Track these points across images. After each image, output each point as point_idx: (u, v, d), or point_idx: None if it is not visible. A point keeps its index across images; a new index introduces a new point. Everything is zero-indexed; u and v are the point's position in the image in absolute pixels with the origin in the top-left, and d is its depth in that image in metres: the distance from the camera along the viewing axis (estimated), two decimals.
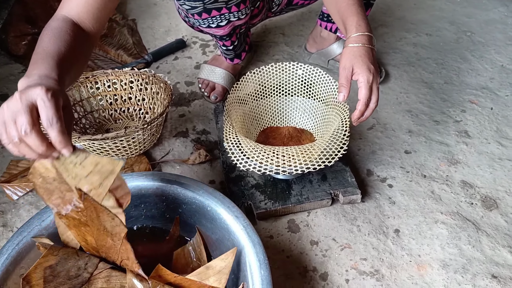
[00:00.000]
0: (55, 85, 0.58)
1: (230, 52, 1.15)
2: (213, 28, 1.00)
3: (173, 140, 1.10)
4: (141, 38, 1.49)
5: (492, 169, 1.02)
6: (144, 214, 0.80)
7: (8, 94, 1.24)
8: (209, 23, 0.98)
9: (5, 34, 1.36)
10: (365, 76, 0.77)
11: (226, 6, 0.92)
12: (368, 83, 0.78)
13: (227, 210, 0.73)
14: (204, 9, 0.92)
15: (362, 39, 0.80)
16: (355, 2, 0.83)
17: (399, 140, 1.10)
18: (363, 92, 0.78)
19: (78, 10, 0.74)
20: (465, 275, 0.81)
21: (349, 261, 0.84)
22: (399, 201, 0.95)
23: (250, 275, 0.66)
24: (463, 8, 1.64)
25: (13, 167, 1.00)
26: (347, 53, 0.80)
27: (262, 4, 1.09)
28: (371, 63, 0.79)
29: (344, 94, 0.81)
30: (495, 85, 1.27)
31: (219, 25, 0.98)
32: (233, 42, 1.11)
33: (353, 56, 0.79)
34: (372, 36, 0.82)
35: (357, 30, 0.80)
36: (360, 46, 0.80)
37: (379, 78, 0.81)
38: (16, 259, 0.68)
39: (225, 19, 0.96)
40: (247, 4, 0.96)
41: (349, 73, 0.79)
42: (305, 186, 0.93)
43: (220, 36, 1.06)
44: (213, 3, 0.91)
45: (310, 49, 1.33)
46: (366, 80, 0.77)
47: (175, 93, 1.25)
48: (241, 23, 1.01)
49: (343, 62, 0.80)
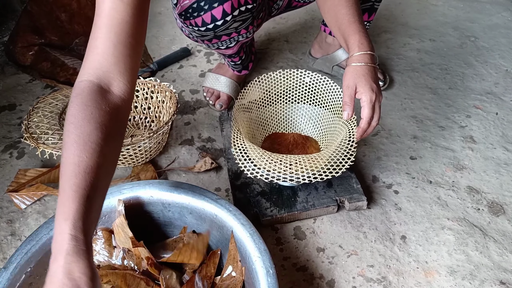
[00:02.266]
0: (82, 257, 0.50)
1: (238, 66, 1.17)
2: (222, 49, 1.02)
3: (179, 148, 1.11)
4: (146, 47, 1.51)
5: (499, 174, 1.02)
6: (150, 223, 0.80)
7: (15, 103, 1.25)
8: (219, 46, 0.99)
9: (12, 44, 1.37)
10: (368, 96, 0.79)
11: (236, 31, 0.93)
12: (371, 103, 0.80)
13: (233, 218, 0.73)
14: (214, 36, 0.93)
15: (365, 58, 0.82)
16: (356, 19, 0.84)
17: (404, 146, 1.10)
18: (366, 111, 0.80)
19: (106, 64, 0.60)
20: (473, 281, 0.81)
21: (356, 268, 0.83)
22: (405, 207, 0.95)
23: (257, 283, 0.66)
24: (466, 14, 1.64)
25: (21, 176, 1.01)
26: (350, 72, 0.82)
27: (264, 14, 1.10)
28: (373, 82, 0.81)
29: (349, 112, 0.83)
30: (500, 90, 1.27)
31: (228, 47, 1.00)
32: (241, 57, 1.13)
33: (356, 75, 0.81)
34: (374, 54, 0.84)
35: (359, 49, 0.82)
36: (363, 65, 0.82)
37: (381, 97, 0.83)
38: (24, 268, 0.68)
39: (234, 40, 0.97)
40: (255, 24, 0.97)
41: (352, 91, 0.81)
42: (310, 193, 0.93)
43: (229, 55, 1.08)
44: (223, 31, 0.91)
45: (315, 54, 1.33)
46: (369, 99, 0.79)
47: (180, 101, 1.26)
48: (248, 40, 1.02)
49: (347, 81, 0.82)
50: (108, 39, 0.60)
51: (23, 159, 1.08)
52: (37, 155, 1.06)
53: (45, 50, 1.37)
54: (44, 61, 1.35)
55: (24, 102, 1.26)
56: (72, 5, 1.48)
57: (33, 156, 1.08)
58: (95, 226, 0.56)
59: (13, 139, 1.14)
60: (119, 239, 0.75)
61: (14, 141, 1.13)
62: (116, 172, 1.04)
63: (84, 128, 0.55)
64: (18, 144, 1.12)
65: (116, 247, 0.75)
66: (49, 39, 1.40)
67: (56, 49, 1.40)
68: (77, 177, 0.53)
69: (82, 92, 0.58)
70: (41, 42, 1.39)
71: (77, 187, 0.52)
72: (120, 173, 1.04)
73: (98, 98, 0.58)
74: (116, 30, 0.60)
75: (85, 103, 0.57)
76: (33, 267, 0.69)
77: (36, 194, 0.97)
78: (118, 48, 0.60)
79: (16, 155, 1.09)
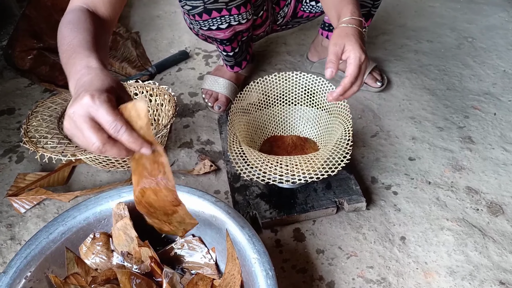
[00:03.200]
0: (100, 75, 0.56)
1: (230, 59, 1.16)
2: (213, 31, 1.00)
3: (178, 150, 1.11)
4: (144, 50, 1.51)
5: (497, 174, 1.02)
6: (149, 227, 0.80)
7: (14, 108, 1.25)
8: (210, 25, 0.98)
9: (11, 49, 1.38)
10: (357, 53, 0.74)
11: (226, 7, 0.93)
12: (360, 61, 0.74)
13: (232, 220, 0.73)
14: (204, 9, 0.93)
15: (356, 22, 0.79)
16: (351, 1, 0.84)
17: (403, 147, 1.10)
18: (351, 68, 0.74)
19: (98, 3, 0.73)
20: (472, 282, 0.81)
21: (356, 269, 0.84)
22: (405, 208, 0.95)
23: (256, 285, 0.66)
24: (463, 15, 1.65)
25: (20, 180, 1.01)
26: (339, 31, 0.78)
27: (265, 15, 1.10)
28: (363, 44, 0.77)
29: (332, 69, 0.75)
30: (498, 91, 1.27)
31: (219, 27, 0.98)
32: (233, 48, 1.11)
33: (345, 34, 0.76)
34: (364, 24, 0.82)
35: (351, 15, 0.80)
36: (354, 27, 0.78)
37: (368, 63, 0.78)
38: (24, 272, 0.68)
39: (226, 22, 0.97)
40: (248, 9, 0.97)
41: (340, 49, 0.76)
42: (309, 195, 0.93)
43: (220, 39, 1.06)
44: (213, 3, 0.91)
45: (312, 58, 1.34)
46: (358, 57, 0.74)
47: (179, 104, 1.26)
48: (243, 28, 1.01)
49: (335, 39, 0.77)
50: None
51: (22, 163, 1.08)
52: (36, 159, 1.06)
53: (44, 54, 1.37)
54: (43, 65, 1.36)
55: (23, 106, 1.26)
56: None
57: (32, 160, 1.08)
58: None
59: (12, 143, 1.14)
60: (118, 242, 0.75)
61: (13, 145, 1.13)
62: (115, 175, 1.04)
63: (80, 24, 0.67)
64: (17, 148, 1.12)
65: (114, 251, 0.75)
66: (47, 43, 1.41)
67: (55, 53, 1.40)
68: (81, 44, 0.63)
69: (72, 11, 0.71)
70: (39, 46, 1.39)
71: (75, 47, 0.62)
72: (119, 176, 1.04)
73: (87, 11, 0.72)
74: None
75: (77, 14, 0.70)
76: (33, 272, 0.69)
77: (36, 198, 0.97)
78: None
79: (15, 159, 1.09)
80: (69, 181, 1.04)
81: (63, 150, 0.88)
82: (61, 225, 0.73)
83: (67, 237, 0.73)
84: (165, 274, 0.72)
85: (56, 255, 0.72)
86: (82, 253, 0.74)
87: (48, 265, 0.71)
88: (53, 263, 0.71)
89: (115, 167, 0.99)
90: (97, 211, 0.75)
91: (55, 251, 0.72)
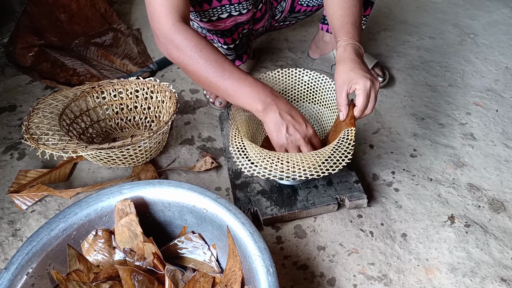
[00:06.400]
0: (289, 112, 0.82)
1: (231, 52, 1.15)
2: (214, 22, 1.00)
3: (179, 147, 1.11)
4: (146, 47, 1.51)
5: (499, 171, 1.02)
6: (151, 222, 0.81)
7: (16, 105, 1.25)
8: (210, 16, 0.98)
9: (12, 46, 1.38)
10: (361, 84, 0.79)
11: None
12: (366, 91, 0.79)
13: (233, 217, 0.73)
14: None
15: (351, 48, 0.83)
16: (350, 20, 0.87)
17: (404, 143, 1.10)
18: (360, 99, 0.80)
19: (184, 9, 0.82)
20: (473, 278, 0.81)
21: (357, 266, 0.84)
22: (406, 205, 0.95)
23: (257, 281, 0.66)
24: (466, 10, 1.64)
25: (21, 177, 1.01)
26: (341, 70, 0.82)
27: (264, 8, 1.09)
28: (365, 71, 0.81)
29: (344, 113, 0.83)
30: (500, 87, 1.27)
31: (220, 17, 0.98)
32: (234, 40, 1.10)
33: (348, 70, 0.81)
34: (359, 45, 0.85)
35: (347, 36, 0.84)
36: (351, 59, 0.82)
37: (377, 84, 0.82)
38: (26, 268, 0.69)
39: (226, 11, 0.97)
40: (250, 1, 0.97)
41: (345, 90, 0.81)
42: (311, 192, 0.93)
43: (221, 31, 1.05)
44: None
45: (313, 55, 1.33)
46: (363, 87, 0.79)
47: (180, 101, 1.26)
48: (243, 20, 1.01)
49: (339, 81, 0.82)
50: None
51: (24, 160, 1.08)
52: (37, 156, 1.06)
53: (45, 51, 1.37)
54: (44, 62, 1.36)
55: (24, 103, 1.27)
56: (72, 6, 1.48)
57: (34, 157, 1.08)
58: None
59: (14, 140, 1.14)
60: (120, 239, 0.75)
61: (15, 142, 1.13)
62: (116, 172, 1.04)
63: (208, 48, 0.82)
64: (19, 145, 1.12)
65: (116, 248, 0.75)
66: (49, 40, 1.41)
67: (56, 50, 1.40)
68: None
69: (192, 33, 0.81)
70: (41, 43, 1.39)
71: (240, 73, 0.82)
72: (120, 173, 1.04)
73: (197, 34, 0.82)
74: None
75: (195, 37, 0.81)
76: (34, 268, 0.69)
77: (37, 194, 0.97)
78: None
79: (17, 156, 1.09)
80: (70, 178, 1.04)
81: (64, 146, 0.88)
82: (63, 221, 0.73)
83: (69, 234, 0.73)
84: (168, 271, 0.72)
85: (57, 251, 0.72)
86: (84, 250, 0.75)
87: (50, 261, 0.71)
88: (54, 260, 0.72)
89: (116, 164, 0.99)
90: (99, 208, 0.75)
91: (56, 248, 0.72)
